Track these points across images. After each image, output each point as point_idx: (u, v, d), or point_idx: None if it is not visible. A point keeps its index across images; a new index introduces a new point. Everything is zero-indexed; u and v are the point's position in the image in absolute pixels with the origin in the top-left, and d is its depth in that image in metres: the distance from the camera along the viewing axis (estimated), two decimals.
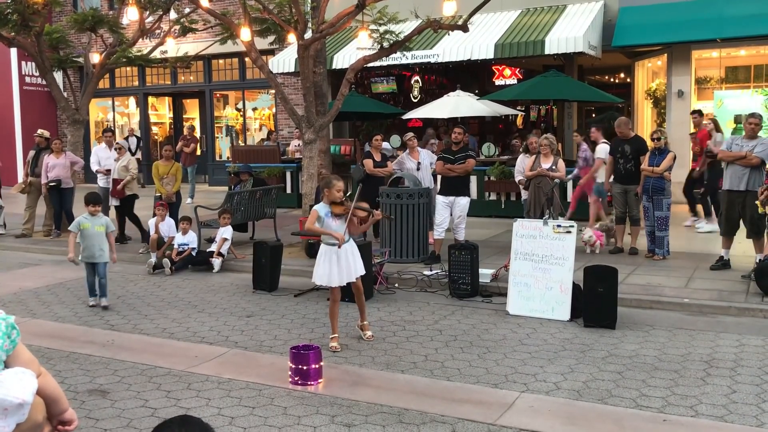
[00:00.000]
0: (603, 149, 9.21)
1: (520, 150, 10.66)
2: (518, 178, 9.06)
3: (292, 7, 9.75)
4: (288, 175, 13.73)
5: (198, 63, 17.22)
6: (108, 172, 10.26)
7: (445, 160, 8.28)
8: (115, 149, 10.39)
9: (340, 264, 5.31)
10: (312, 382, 4.59)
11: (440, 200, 8.30)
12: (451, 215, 8.26)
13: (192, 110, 20.34)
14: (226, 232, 8.66)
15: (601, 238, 8.49)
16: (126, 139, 18.26)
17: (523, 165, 8.82)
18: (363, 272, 5.57)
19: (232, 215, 8.88)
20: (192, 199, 14.20)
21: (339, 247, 5.28)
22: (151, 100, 20.14)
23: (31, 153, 11.10)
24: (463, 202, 8.27)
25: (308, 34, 9.52)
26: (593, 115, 18.33)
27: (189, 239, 8.72)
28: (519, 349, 5.33)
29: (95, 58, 12.36)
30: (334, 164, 12.50)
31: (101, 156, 10.53)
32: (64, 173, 10.43)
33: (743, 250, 7.71)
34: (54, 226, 10.63)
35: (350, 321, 6.16)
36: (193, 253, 8.64)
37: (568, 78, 12.67)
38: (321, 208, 5.37)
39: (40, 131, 11.18)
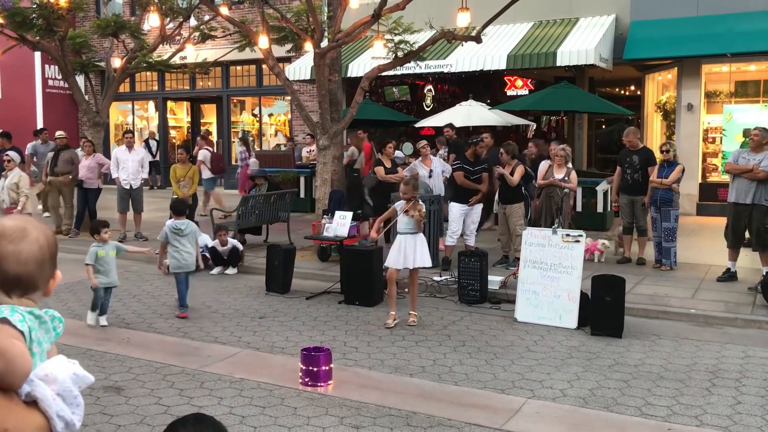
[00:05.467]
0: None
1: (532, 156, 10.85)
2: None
3: (310, 17, 9.93)
4: (302, 179, 13.92)
5: (216, 69, 17.46)
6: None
7: (464, 170, 8.40)
8: (6, 160, 9.11)
9: (401, 251, 6.18)
10: (322, 384, 4.66)
11: (456, 208, 8.40)
12: (465, 222, 8.39)
13: (209, 115, 20.63)
14: (236, 244, 8.68)
15: (594, 247, 8.54)
16: (146, 141, 18.52)
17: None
18: (424, 264, 6.30)
19: (227, 231, 8.73)
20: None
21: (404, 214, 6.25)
22: (169, 104, 20.46)
23: (50, 154, 11.35)
24: (478, 210, 8.46)
25: (324, 43, 9.68)
26: (603, 127, 18.36)
27: (202, 242, 8.85)
28: (526, 355, 5.39)
29: (116, 62, 12.60)
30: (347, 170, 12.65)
31: (120, 158, 10.76)
32: (87, 174, 10.73)
33: (750, 262, 7.73)
34: (73, 225, 10.87)
35: (360, 324, 6.28)
36: (207, 254, 8.76)
37: (579, 90, 12.75)
38: (398, 205, 6.39)
39: (59, 133, 11.45)
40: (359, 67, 14.00)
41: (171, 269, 6.50)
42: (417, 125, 14.49)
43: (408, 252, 6.17)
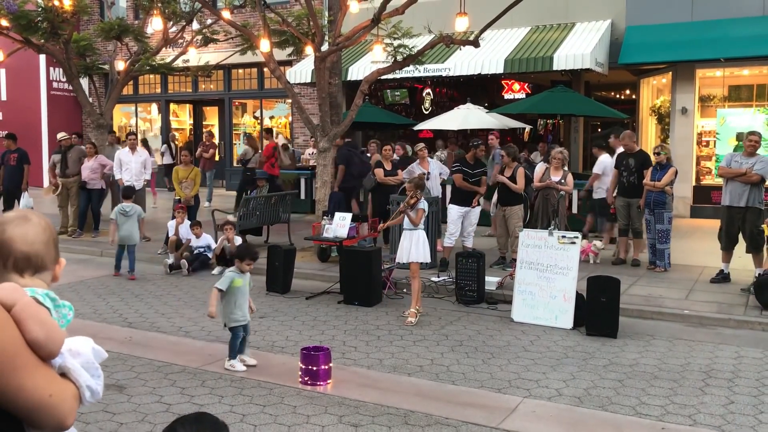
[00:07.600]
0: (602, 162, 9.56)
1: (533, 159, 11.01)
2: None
3: (310, 21, 10.05)
4: (302, 181, 14.02)
5: (218, 72, 17.57)
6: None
7: (463, 173, 8.48)
8: None
9: (400, 246, 6.56)
10: (321, 383, 4.71)
11: (455, 210, 8.48)
12: (463, 224, 8.47)
13: (211, 117, 20.73)
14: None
15: (589, 248, 8.64)
16: (166, 143, 18.38)
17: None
18: (419, 259, 6.47)
19: (235, 227, 8.80)
20: (210, 202, 14.48)
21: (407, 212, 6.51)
22: (172, 106, 20.57)
23: (57, 156, 11.41)
24: (476, 211, 8.55)
25: (325, 47, 9.78)
26: (599, 130, 18.48)
27: (204, 242, 8.95)
28: (522, 355, 5.45)
29: (120, 65, 12.71)
30: None
31: (123, 159, 10.85)
32: (90, 175, 10.83)
33: (743, 264, 7.81)
34: (77, 226, 10.95)
35: (359, 324, 6.35)
36: (208, 254, 8.84)
37: (575, 93, 12.88)
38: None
39: (62, 134, 11.55)
40: (359, 70, 14.11)
41: (119, 242, 8.25)
42: (415, 128, 14.61)
43: (404, 247, 6.48)
